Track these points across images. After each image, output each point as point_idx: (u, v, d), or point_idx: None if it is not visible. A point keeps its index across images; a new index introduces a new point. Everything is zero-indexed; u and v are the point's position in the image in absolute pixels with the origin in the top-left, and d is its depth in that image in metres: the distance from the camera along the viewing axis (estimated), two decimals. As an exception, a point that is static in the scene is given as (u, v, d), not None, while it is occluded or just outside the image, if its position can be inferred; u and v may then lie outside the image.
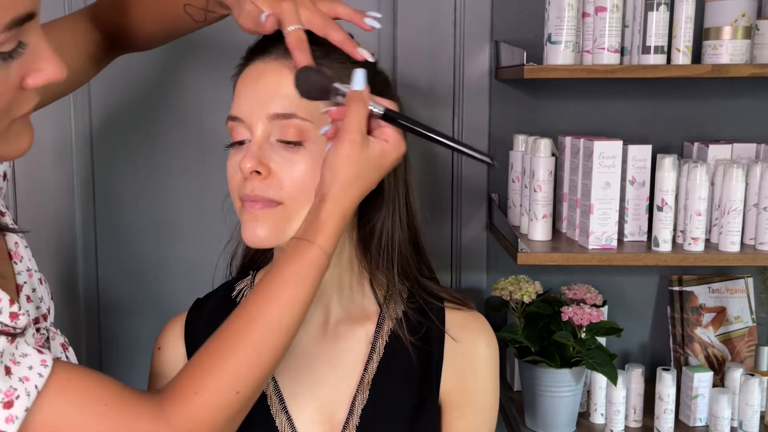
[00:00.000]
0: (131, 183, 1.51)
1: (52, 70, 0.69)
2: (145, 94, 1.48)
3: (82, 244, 1.51)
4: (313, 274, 0.79)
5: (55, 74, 0.69)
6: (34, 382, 0.68)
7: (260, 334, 0.77)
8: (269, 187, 0.86)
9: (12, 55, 0.65)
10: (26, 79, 0.68)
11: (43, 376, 0.68)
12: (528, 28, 1.46)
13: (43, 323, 0.84)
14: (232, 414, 0.76)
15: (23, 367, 0.67)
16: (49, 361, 0.70)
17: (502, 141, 1.49)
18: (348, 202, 0.81)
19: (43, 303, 0.85)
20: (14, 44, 0.65)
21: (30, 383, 0.67)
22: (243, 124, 0.88)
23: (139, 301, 1.54)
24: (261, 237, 0.87)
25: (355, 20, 0.91)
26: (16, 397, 0.66)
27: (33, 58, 0.68)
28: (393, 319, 0.98)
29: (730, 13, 1.31)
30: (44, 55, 0.69)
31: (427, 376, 0.97)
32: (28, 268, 0.84)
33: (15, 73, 0.67)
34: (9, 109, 0.68)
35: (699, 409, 1.41)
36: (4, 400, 0.65)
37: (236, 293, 1.02)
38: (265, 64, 0.89)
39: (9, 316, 0.68)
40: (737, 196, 1.29)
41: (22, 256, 0.84)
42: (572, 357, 1.35)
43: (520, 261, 1.26)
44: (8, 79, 0.66)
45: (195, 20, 1.01)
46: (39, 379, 0.68)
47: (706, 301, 1.55)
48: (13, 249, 0.84)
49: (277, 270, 0.80)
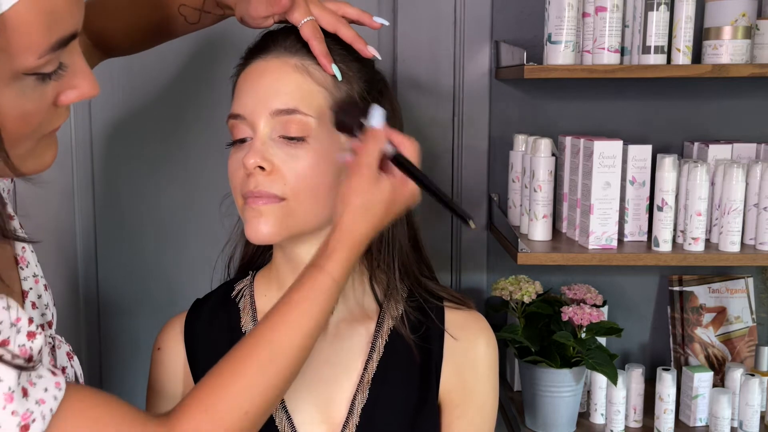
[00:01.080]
0: (131, 184, 1.51)
1: (86, 88, 0.68)
2: (145, 95, 1.48)
3: (82, 244, 1.51)
4: (322, 300, 0.80)
5: (89, 91, 0.68)
6: (50, 405, 0.67)
7: (268, 357, 0.77)
8: (273, 182, 0.86)
9: (51, 77, 0.64)
10: (60, 97, 0.66)
11: (58, 399, 0.68)
12: (528, 28, 1.46)
13: (48, 331, 0.84)
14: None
15: (39, 389, 0.67)
16: (63, 383, 0.69)
17: (502, 141, 1.49)
18: (358, 231, 0.81)
19: (48, 310, 0.85)
20: (55, 66, 0.64)
21: (46, 406, 0.66)
22: (245, 121, 0.88)
23: (139, 302, 1.54)
24: (265, 233, 0.87)
25: (364, 19, 0.94)
26: (32, 421, 0.65)
27: (69, 76, 0.66)
28: (393, 318, 0.98)
29: (730, 13, 1.31)
30: (80, 72, 0.67)
31: (426, 376, 0.97)
32: (35, 274, 0.84)
33: (51, 91, 0.65)
34: (41, 126, 0.67)
35: (699, 409, 1.41)
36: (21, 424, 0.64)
37: (236, 293, 1.02)
38: (266, 63, 0.89)
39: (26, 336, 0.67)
40: (737, 196, 1.29)
41: (29, 262, 0.84)
42: (572, 357, 1.35)
43: (520, 261, 1.26)
44: (44, 98, 0.65)
45: (188, 22, 1.01)
46: (54, 402, 0.67)
47: (706, 301, 1.55)
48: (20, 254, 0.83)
49: (287, 295, 0.81)
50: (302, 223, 0.89)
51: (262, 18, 0.92)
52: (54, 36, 0.61)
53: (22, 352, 0.65)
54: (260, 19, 0.92)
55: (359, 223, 0.81)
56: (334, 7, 0.92)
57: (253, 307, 1.00)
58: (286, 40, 0.90)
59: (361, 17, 0.94)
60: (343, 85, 0.90)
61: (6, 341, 0.65)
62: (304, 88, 0.88)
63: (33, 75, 0.62)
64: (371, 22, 0.95)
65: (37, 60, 0.61)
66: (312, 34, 0.88)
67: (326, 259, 0.80)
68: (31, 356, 0.66)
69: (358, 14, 0.94)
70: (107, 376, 1.56)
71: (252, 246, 1.05)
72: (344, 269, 0.81)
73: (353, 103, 0.88)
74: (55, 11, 0.60)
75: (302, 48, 0.89)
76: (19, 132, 0.64)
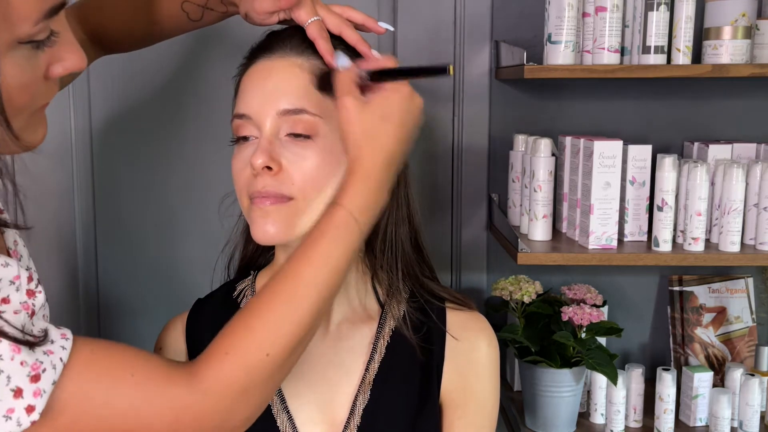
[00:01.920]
0: (131, 183, 1.51)
1: (74, 60, 0.69)
2: (144, 94, 1.48)
3: (82, 244, 1.51)
4: (343, 235, 0.78)
5: (77, 63, 0.69)
6: (59, 355, 0.66)
7: (290, 294, 0.76)
8: (281, 182, 0.86)
9: (45, 43, 0.65)
10: (50, 69, 0.67)
11: (67, 349, 0.67)
12: (528, 28, 1.46)
13: None
14: (264, 377, 0.74)
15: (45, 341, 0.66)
16: (69, 334, 0.68)
17: (502, 141, 1.49)
18: (369, 158, 0.80)
19: None
20: (47, 33, 0.65)
21: (55, 356, 0.66)
22: (251, 121, 0.88)
23: (140, 302, 1.54)
24: (272, 233, 0.87)
25: (369, 24, 0.95)
26: (43, 371, 0.64)
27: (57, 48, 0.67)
28: (395, 318, 0.98)
29: (730, 13, 1.31)
30: (67, 44, 0.68)
31: (428, 376, 0.97)
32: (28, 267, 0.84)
33: (43, 62, 0.66)
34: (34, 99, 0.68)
35: (699, 409, 1.41)
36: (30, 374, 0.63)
37: (237, 293, 1.02)
38: (271, 62, 0.89)
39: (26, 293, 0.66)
40: (737, 196, 1.29)
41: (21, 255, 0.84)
42: (572, 357, 1.35)
43: (520, 261, 1.26)
44: (37, 69, 0.66)
45: (191, 19, 1.00)
46: (63, 352, 0.66)
47: (706, 301, 1.55)
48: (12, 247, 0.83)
49: (309, 234, 0.79)
50: (309, 223, 0.88)
51: (267, 14, 0.92)
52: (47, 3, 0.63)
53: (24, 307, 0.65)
54: (265, 14, 0.92)
55: (364, 149, 0.80)
56: (340, 10, 0.93)
57: (254, 307, 1.00)
58: (292, 40, 0.90)
59: (366, 21, 0.95)
60: None
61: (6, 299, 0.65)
62: (311, 88, 0.88)
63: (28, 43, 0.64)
64: (376, 27, 0.95)
65: (32, 27, 0.62)
66: (318, 34, 0.88)
67: (342, 195, 0.79)
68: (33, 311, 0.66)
69: (363, 18, 0.94)
70: (107, 376, 1.56)
71: (252, 247, 1.05)
72: (362, 201, 0.79)
73: None
74: None
75: (308, 48, 0.89)
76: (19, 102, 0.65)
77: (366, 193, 0.80)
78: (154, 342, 1.03)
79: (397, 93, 0.83)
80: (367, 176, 0.80)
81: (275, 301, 0.76)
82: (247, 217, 0.91)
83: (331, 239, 0.78)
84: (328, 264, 0.77)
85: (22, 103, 0.66)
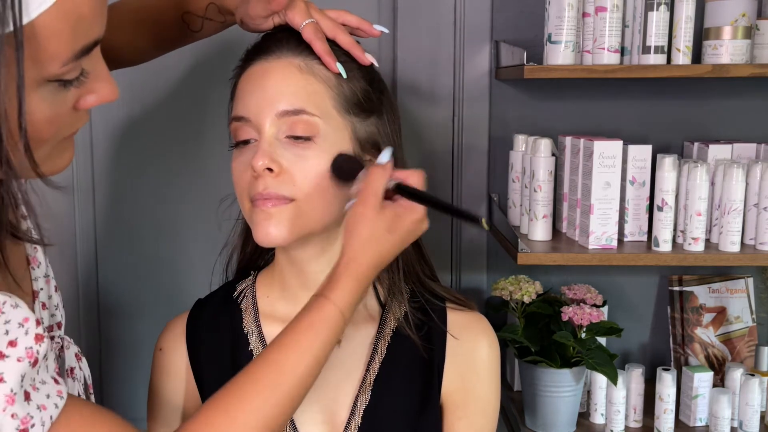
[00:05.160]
0: (131, 184, 1.51)
1: (106, 92, 0.68)
2: (145, 95, 1.48)
3: (82, 245, 1.51)
4: (326, 329, 0.80)
5: (108, 96, 0.68)
6: (50, 412, 0.66)
7: (272, 383, 0.77)
8: (282, 184, 0.86)
9: (73, 83, 0.64)
10: (80, 101, 0.66)
11: (59, 407, 0.67)
12: (528, 28, 1.46)
13: (57, 332, 0.84)
14: None
15: (41, 395, 0.66)
16: (65, 392, 0.68)
17: (502, 141, 1.49)
18: (365, 261, 0.82)
19: (57, 311, 0.84)
20: (78, 72, 0.64)
21: (46, 413, 0.66)
22: (250, 123, 0.88)
23: (140, 303, 1.54)
24: (274, 235, 0.87)
25: (364, 27, 0.95)
26: (31, 426, 0.64)
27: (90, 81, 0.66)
28: (396, 319, 0.98)
29: (730, 13, 1.31)
30: (101, 77, 0.67)
31: (428, 377, 0.97)
32: (46, 275, 0.84)
33: (72, 96, 0.65)
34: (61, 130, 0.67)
35: (699, 409, 1.41)
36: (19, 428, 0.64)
37: (237, 293, 1.02)
38: (268, 63, 0.89)
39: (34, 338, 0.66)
40: (737, 196, 1.30)
41: (40, 262, 0.84)
42: (572, 357, 1.35)
43: (520, 261, 1.26)
44: (65, 103, 0.65)
45: (191, 29, 1.01)
46: (54, 410, 0.67)
47: (706, 301, 1.55)
48: (32, 254, 0.83)
49: (293, 322, 0.81)
50: (311, 224, 0.88)
51: (261, 18, 0.92)
52: (79, 44, 0.61)
53: (28, 354, 0.65)
54: (259, 19, 0.92)
55: (366, 252, 0.82)
56: (335, 14, 0.93)
57: (255, 307, 1.00)
58: (289, 41, 0.90)
59: (362, 24, 0.95)
60: (347, 84, 0.90)
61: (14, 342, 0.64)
62: (309, 89, 0.87)
63: (56, 81, 0.62)
64: (371, 30, 0.95)
65: (61, 67, 0.61)
66: (314, 35, 0.88)
67: (332, 289, 0.81)
68: (36, 359, 0.65)
69: (358, 22, 0.95)
70: (107, 377, 1.56)
71: (250, 248, 1.05)
72: (350, 299, 0.82)
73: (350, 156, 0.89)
74: (81, 20, 0.61)
75: (305, 48, 0.89)
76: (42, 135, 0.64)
77: (356, 293, 0.82)
78: (154, 342, 1.02)
79: (413, 214, 0.84)
80: (361, 278, 0.82)
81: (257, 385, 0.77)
82: (249, 219, 0.90)
83: (318, 332, 0.80)
84: (311, 354, 0.79)
85: (48, 135, 0.65)
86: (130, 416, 1.68)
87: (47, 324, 0.82)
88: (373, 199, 0.82)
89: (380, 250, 0.83)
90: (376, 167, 0.84)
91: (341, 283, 0.81)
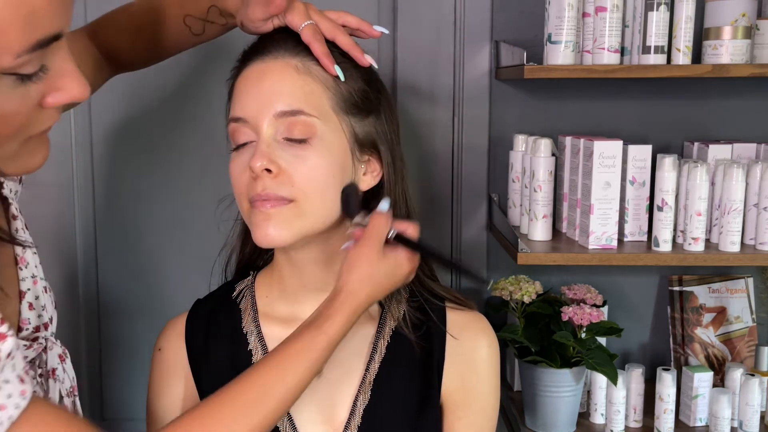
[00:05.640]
0: (131, 184, 1.51)
1: (75, 90, 0.66)
2: (144, 95, 1.48)
3: (82, 245, 1.51)
4: (315, 358, 0.83)
5: (78, 94, 0.66)
6: (9, 412, 0.65)
7: (254, 400, 0.80)
8: (281, 184, 0.86)
9: (32, 78, 0.62)
10: (46, 98, 0.65)
11: (20, 407, 0.66)
12: (528, 28, 1.46)
13: (43, 332, 0.83)
14: None
15: (3, 394, 0.64)
16: (29, 393, 0.67)
17: (502, 141, 1.49)
18: (361, 298, 0.85)
19: (45, 312, 0.84)
20: (36, 67, 0.62)
21: (5, 412, 0.64)
22: (247, 124, 0.88)
23: (139, 303, 1.54)
24: (273, 236, 0.87)
25: (364, 28, 0.95)
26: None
27: (55, 77, 0.64)
28: (395, 318, 0.98)
29: (730, 13, 1.31)
30: (68, 73, 0.65)
31: (428, 376, 0.97)
32: (33, 275, 0.84)
33: (35, 92, 0.64)
34: (26, 127, 0.65)
35: (699, 409, 1.41)
36: None
37: (236, 293, 1.02)
38: (265, 64, 0.89)
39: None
40: (737, 196, 1.29)
41: (28, 262, 0.83)
42: (572, 357, 1.35)
43: (520, 261, 1.26)
44: (27, 99, 0.63)
45: (193, 33, 1.01)
46: (14, 411, 0.65)
47: (706, 301, 1.55)
48: (20, 254, 0.83)
49: (284, 344, 0.84)
50: (311, 224, 0.88)
51: (260, 21, 0.92)
52: (33, 36, 0.60)
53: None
54: (259, 21, 0.92)
55: (364, 290, 0.85)
56: (335, 16, 0.93)
57: (254, 308, 1.00)
58: (287, 42, 0.90)
59: (361, 25, 0.95)
60: (345, 84, 0.90)
61: None
62: (307, 89, 0.87)
63: (11, 75, 0.61)
64: (371, 31, 0.96)
65: (14, 60, 0.59)
66: (313, 37, 0.88)
67: (326, 321, 0.84)
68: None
69: (358, 23, 0.95)
70: (107, 376, 1.56)
71: (249, 249, 1.05)
72: (342, 331, 0.85)
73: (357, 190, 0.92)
74: (34, 12, 0.59)
75: (303, 49, 0.89)
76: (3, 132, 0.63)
77: (349, 324, 0.86)
78: (153, 342, 1.02)
79: (410, 263, 0.90)
80: (355, 312, 0.86)
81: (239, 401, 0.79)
82: (248, 221, 0.90)
83: (307, 360, 0.83)
84: (295, 380, 0.82)
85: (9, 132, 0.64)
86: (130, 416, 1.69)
87: (34, 324, 0.81)
88: (377, 244, 0.86)
89: (376, 290, 0.87)
90: (380, 215, 0.88)
91: (338, 316, 0.84)
